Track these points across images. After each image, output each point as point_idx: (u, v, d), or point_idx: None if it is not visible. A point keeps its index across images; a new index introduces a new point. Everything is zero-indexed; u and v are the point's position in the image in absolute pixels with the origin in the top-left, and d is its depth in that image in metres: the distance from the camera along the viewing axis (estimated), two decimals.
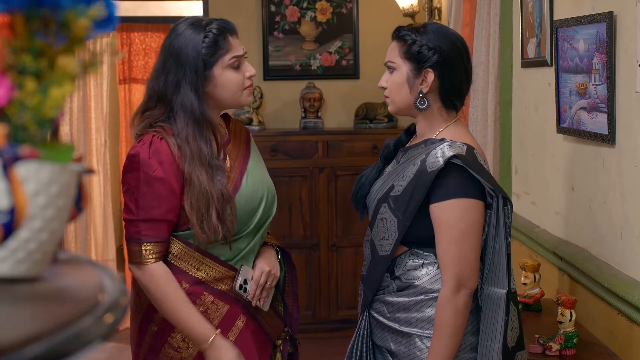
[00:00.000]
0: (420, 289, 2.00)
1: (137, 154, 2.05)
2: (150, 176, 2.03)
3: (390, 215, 2.01)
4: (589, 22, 2.51)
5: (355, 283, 4.83)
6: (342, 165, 4.78)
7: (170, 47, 2.09)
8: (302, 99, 4.98)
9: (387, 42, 2.17)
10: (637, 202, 2.30)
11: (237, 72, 2.11)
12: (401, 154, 2.14)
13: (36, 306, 0.78)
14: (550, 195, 3.04)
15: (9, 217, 0.76)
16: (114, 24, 0.88)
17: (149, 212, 2.04)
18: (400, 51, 2.06)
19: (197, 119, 2.06)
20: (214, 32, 2.07)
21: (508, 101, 3.51)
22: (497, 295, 1.97)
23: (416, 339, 2.01)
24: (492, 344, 1.96)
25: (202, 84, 2.07)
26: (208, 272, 2.11)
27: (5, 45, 0.81)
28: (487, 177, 1.96)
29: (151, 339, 2.14)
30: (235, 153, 2.21)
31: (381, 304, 2.07)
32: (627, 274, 2.37)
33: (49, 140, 0.85)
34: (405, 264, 2.03)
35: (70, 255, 0.97)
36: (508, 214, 1.99)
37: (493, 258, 1.99)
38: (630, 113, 2.32)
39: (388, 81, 2.09)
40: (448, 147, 1.97)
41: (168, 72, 2.07)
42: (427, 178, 1.95)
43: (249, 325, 2.16)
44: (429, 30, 2.04)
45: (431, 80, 2.02)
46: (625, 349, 2.36)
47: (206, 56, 2.06)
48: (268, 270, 2.18)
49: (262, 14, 5.10)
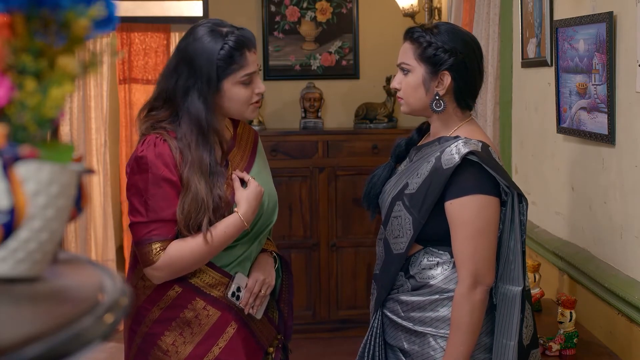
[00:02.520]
0: (435, 289, 2.00)
1: (144, 156, 2.04)
2: (158, 177, 2.03)
3: (405, 213, 2.01)
4: (589, 22, 2.51)
5: (355, 283, 4.83)
6: (342, 165, 4.78)
7: (186, 50, 2.06)
8: (302, 99, 4.98)
9: (388, 42, 2.17)
10: (637, 202, 2.30)
11: (247, 88, 2.09)
12: (414, 152, 2.14)
13: (36, 306, 0.78)
14: (550, 195, 3.04)
15: (9, 217, 0.76)
16: (114, 24, 0.88)
17: (159, 213, 2.03)
18: (415, 53, 2.04)
19: (202, 128, 2.05)
20: (231, 46, 2.03)
21: (508, 101, 3.52)
22: (513, 293, 1.97)
23: (430, 339, 2.00)
24: (507, 342, 1.96)
25: (212, 96, 2.05)
26: (203, 277, 2.11)
27: (5, 45, 0.81)
28: (502, 174, 1.97)
29: (141, 340, 2.13)
30: (238, 159, 2.19)
31: (395, 303, 2.07)
32: (627, 274, 2.37)
33: (49, 140, 0.85)
34: (420, 262, 2.03)
35: (70, 255, 0.97)
36: (523, 211, 1.99)
37: (508, 256, 1.99)
38: (630, 113, 2.32)
39: (402, 83, 2.07)
40: (463, 144, 1.97)
41: (179, 75, 2.05)
42: (443, 175, 1.95)
43: (240, 332, 2.14)
44: (443, 31, 2.02)
45: (448, 82, 2.02)
46: (625, 349, 2.36)
47: (220, 69, 2.04)
48: (262, 279, 2.17)
49: (262, 14, 5.10)
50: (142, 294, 2.13)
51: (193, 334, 2.10)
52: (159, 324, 2.10)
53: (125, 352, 2.20)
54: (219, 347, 2.11)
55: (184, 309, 2.10)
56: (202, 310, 2.10)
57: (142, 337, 2.13)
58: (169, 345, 2.10)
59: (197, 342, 2.10)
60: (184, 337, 2.10)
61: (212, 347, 2.11)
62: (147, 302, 2.12)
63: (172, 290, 2.10)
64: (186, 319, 2.10)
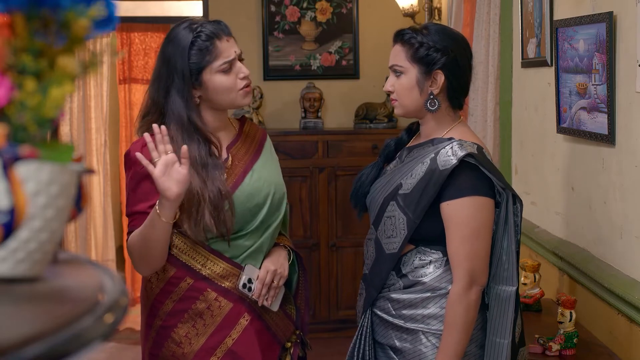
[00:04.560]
0: (427, 287, 2.02)
1: (128, 152, 2.13)
2: (139, 174, 2.08)
3: (399, 213, 2.03)
4: (589, 22, 2.51)
5: (355, 283, 4.82)
6: (342, 165, 4.78)
7: (163, 53, 2.13)
8: (302, 99, 4.98)
9: (388, 42, 2.17)
10: (637, 202, 2.30)
11: (228, 75, 2.11)
12: (405, 153, 2.15)
13: (36, 306, 0.78)
14: (550, 195, 3.04)
15: (9, 217, 0.76)
16: (114, 24, 0.88)
17: (138, 205, 2.10)
18: (407, 55, 2.05)
19: (184, 124, 2.09)
20: (201, 39, 2.08)
21: (508, 101, 3.51)
22: (507, 293, 2.00)
23: (421, 336, 2.02)
24: (501, 340, 1.99)
25: (189, 91, 2.10)
26: (213, 268, 2.13)
27: (5, 45, 0.81)
28: (497, 176, 1.99)
29: (155, 333, 2.17)
30: (242, 153, 2.22)
31: (386, 301, 2.08)
32: (627, 274, 2.37)
33: (49, 140, 0.85)
34: (413, 262, 2.05)
35: (70, 255, 0.97)
36: (517, 212, 2.02)
37: (501, 256, 2.01)
38: (630, 113, 2.32)
39: (395, 85, 2.08)
40: (458, 147, 1.99)
41: (161, 78, 2.12)
42: (440, 176, 1.97)
43: (253, 324, 2.16)
44: (433, 31, 2.04)
45: (442, 81, 2.04)
46: (625, 349, 2.36)
47: (193, 64, 2.09)
48: (274, 270, 2.18)
49: (262, 14, 5.10)
50: (156, 288, 2.16)
51: (205, 325, 2.13)
52: (172, 316, 2.14)
53: (142, 344, 2.24)
54: (231, 339, 2.14)
55: (196, 300, 2.13)
56: (214, 301, 2.13)
57: (156, 330, 2.16)
58: (182, 337, 2.13)
59: (209, 333, 2.13)
60: (197, 328, 2.13)
61: (224, 338, 2.13)
62: (161, 295, 2.16)
63: (184, 282, 2.13)
64: (198, 310, 2.13)
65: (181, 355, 2.13)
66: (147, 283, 2.19)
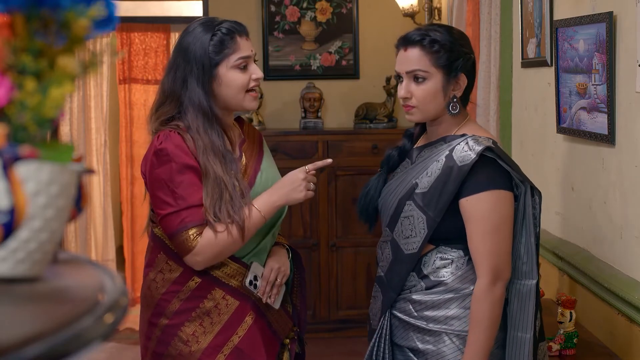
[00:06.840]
0: (449, 287, 2.01)
1: (164, 147, 2.08)
2: (182, 165, 2.07)
3: (417, 212, 2.01)
4: (589, 22, 2.51)
5: (355, 283, 4.82)
6: (342, 165, 4.78)
7: (181, 44, 2.14)
8: (302, 99, 4.98)
9: (388, 42, 2.17)
10: (637, 202, 2.30)
11: (243, 73, 2.13)
12: (415, 153, 2.14)
13: (36, 306, 0.78)
14: (550, 195, 3.04)
15: (9, 217, 0.76)
16: (114, 24, 0.88)
17: (188, 199, 2.06)
18: (430, 60, 2.01)
19: (206, 113, 2.10)
20: (222, 32, 2.11)
21: (508, 101, 3.52)
22: (528, 287, 1.99)
23: (445, 337, 2.01)
24: (523, 335, 1.98)
25: (208, 81, 2.11)
26: (222, 268, 2.14)
27: (5, 45, 0.81)
28: (515, 168, 2.00)
29: (161, 332, 2.17)
30: (250, 152, 2.24)
31: (407, 302, 2.06)
32: (627, 274, 2.37)
33: (49, 140, 0.85)
34: (434, 262, 2.03)
35: (70, 255, 0.97)
36: (536, 204, 2.01)
37: (519, 250, 2.00)
38: (630, 113, 2.32)
39: (416, 91, 2.03)
40: (474, 142, 1.98)
41: (177, 68, 2.13)
42: (460, 172, 1.96)
43: (257, 322, 2.18)
44: (450, 34, 2.03)
45: (464, 84, 2.04)
46: (625, 349, 2.36)
47: (212, 54, 2.10)
48: (278, 267, 2.21)
49: (262, 14, 5.10)
50: (162, 287, 2.16)
51: (213, 323, 2.14)
52: (179, 315, 2.14)
53: (144, 344, 2.22)
54: (238, 337, 2.15)
55: (203, 299, 2.14)
56: (222, 299, 2.14)
57: (161, 329, 2.16)
58: (189, 335, 2.14)
59: (216, 331, 2.14)
60: (204, 327, 2.14)
61: (231, 336, 2.15)
62: (167, 294, 2.16)
63: (191, 281, 2.14)
64: (206, 309, 2.14)
65: (188, 353, 2.13)
66: (151, 282, 2.19)
